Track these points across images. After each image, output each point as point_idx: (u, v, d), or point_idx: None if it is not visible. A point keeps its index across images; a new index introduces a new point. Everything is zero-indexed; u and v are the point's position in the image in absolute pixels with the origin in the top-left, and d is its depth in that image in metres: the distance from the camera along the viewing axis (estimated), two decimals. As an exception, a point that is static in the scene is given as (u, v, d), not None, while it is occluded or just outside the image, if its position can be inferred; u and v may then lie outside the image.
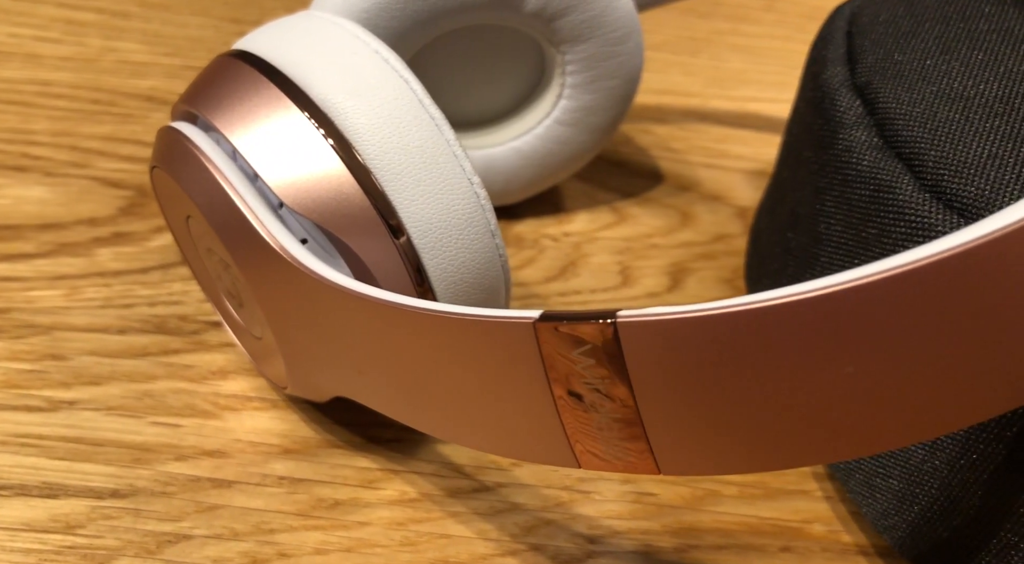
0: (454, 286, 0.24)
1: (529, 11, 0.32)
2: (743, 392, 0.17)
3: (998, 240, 0.16)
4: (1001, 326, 0.17)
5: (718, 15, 0.54)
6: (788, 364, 0.17)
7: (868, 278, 0.16)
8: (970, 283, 0.16)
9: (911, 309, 0.16)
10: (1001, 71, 0.24)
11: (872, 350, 0.16)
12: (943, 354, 0.17)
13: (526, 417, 0.19)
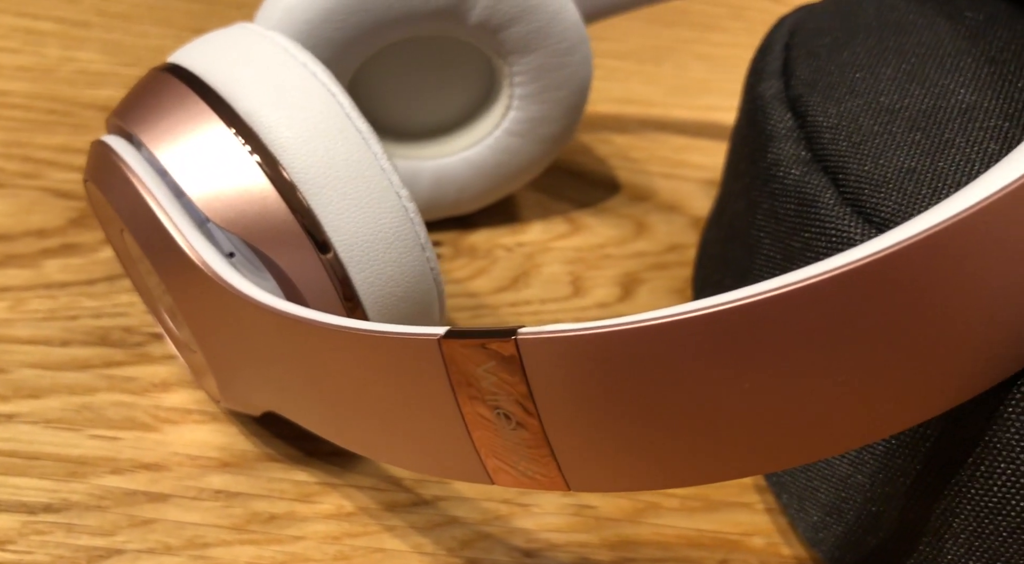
0: (383, 300, 0.24)
1: (473, 23, 0.32)
2: (645, 408, 0.17)
3: (889, 257, 0.16)
4: (906, 338, 0.17)
5: (684, 23, 0.54)
6: (685, 380, 0.17)
7: (757, 297, 0.16)
8: (866, 298, 0.16)
9: (807, 324, 0.16)
10: (927, 85, 0.24)
11: (769, 365, 0.16)
12: (845, 368, 0.17)
13: (438, 434, 0.19)
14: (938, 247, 0.16)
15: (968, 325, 0.17)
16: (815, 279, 0.16)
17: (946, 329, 0.17)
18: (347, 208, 0.23)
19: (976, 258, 0.16)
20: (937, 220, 0.16)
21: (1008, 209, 0.16)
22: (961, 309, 0.17)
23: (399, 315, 0.25)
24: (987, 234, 0.16)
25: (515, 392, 0.18)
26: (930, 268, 0.16)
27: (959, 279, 0.16)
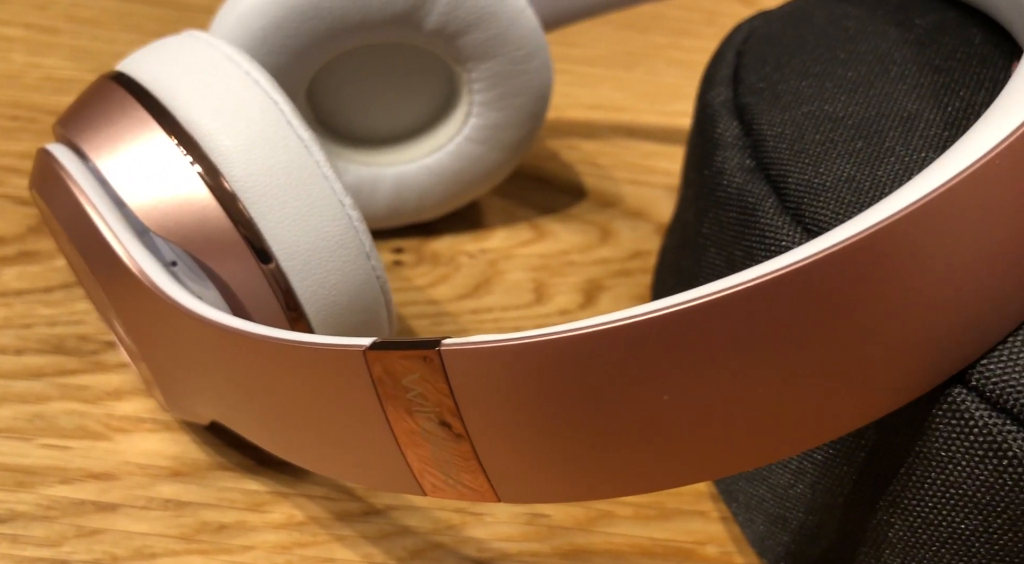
0: (327, 309, 0.24)
1: (430, 30, 0.32)
2: (571, 419, 0.17)
3: (813, 265, 0.16)
4: (835, 344, 0.17)
5: (658, 29, 0.54)
6: (608, 390, 0.17)
7: (675, 307, 0.16)
8: (793, 304, 0.16)
9: (731, 333, 0.16)
10: (872, 93, 0.24)
11: (692, 374, 0.16)
12: (774, 374, 0.17)
13: (368, 446, 0.19)
14: (863, 253, 0.16)
15: (896, 332, 0.17)
16: (732, 290, 0.16)
17: (874, 335, 0.17)
18: (288, 217, 0.23)
19: (901, 265, 0.16)
20: (859, 228, 0.16)
21: (930, 217, 0.16)
22: (889, 315, 0.17)
23: (345, 324, 0.25)
24: (911, 241, 0.16)
25: (441, 404, 0.18)
26: (856, 274, 0.16)
27: (885, 285, 0.16)
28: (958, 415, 0.18)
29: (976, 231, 0.17)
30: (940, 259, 0.17)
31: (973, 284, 0.17)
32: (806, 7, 0.29)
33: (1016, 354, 0.18)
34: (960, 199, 0.16)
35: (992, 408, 0.18)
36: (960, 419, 0.18)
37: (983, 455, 0.18)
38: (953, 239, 0.16)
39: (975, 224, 0.17)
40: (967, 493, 0.19)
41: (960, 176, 0.16)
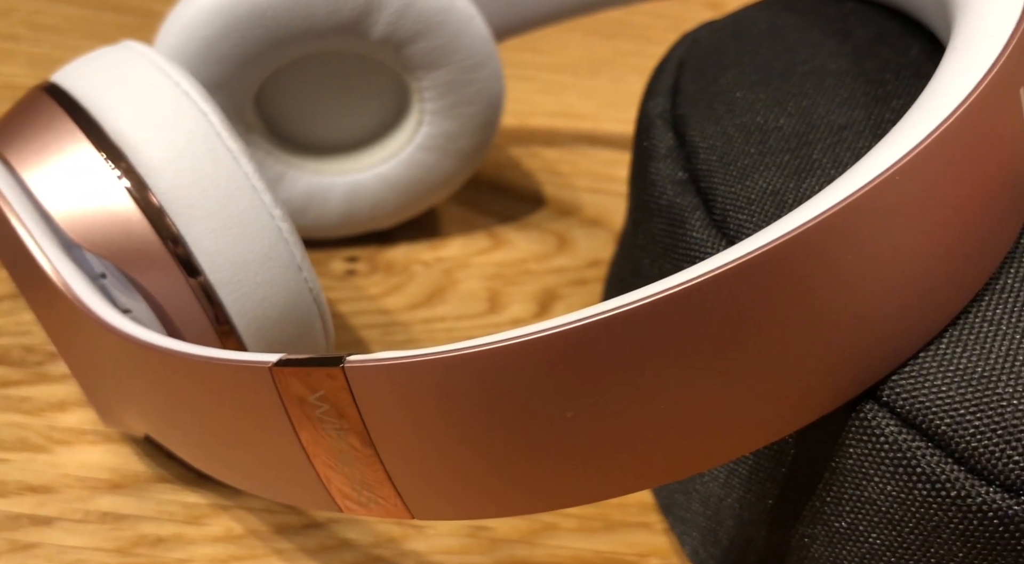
0: (258, 323, 0.24)
1: (376, 39, 0.32)
2: (475, 436, 0.17)
3: (720, 276, 0.16)
4: (746, 354, 0.16)
5: (624, 36, 0.54)
6: (510, 407, 0.16)
7: (576, 323, 0.16)
8: (704, 315, 0.16)
9: (629, 349, 0.16)
10: (804, 105, 0.24)
11: (593, 391, 0.16)
12: (676, 391, 0.17)
13: (283, 463, 0.19)
14: (765, 267, 0.16)
15: (806, 344, 0.17)
16: (631, 306, 0.16)
17: (785, 346, 0.17)
18: (215, 229, 0.23)
19: (809, 277, 0.16)
20: (762, 243, 0.16)
21: (834, 230, 0.16)
22: (799, 326, 0.17)
23: (277, 337, 0.25)
24: (817, 253, 0.16)
25: (348, 421, 0.17)
26: (763, 285, 0.16)
27: (794, 297, 0.16)
28: (869, 430, 0.18)
29: (882, 245, 0.16)
30: (849, 272, 0.16)
31: (883, 299, 0.17)
32: (750, 17, 0.29)
33: (926, 370, 0.18)
34: (862, 213, 0.16)
35: (902, 424, 0.18)
36: (871, 434, 0.18)
37: (894, 471, 0.18)
38: (860, 252, 0.16)
39: (881, 238, 0.16)
40: (881, 509, 0.18)
41: (861, 191, 0.16)
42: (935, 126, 0.16)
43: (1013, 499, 0.17)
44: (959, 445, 0.17)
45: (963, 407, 0.18)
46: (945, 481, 0.17)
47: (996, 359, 0.18)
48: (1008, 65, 0.17)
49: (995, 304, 0.19)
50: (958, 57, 0.18)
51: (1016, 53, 0.18)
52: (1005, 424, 0.17)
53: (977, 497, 0.17)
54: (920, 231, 0.17)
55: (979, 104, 0.17)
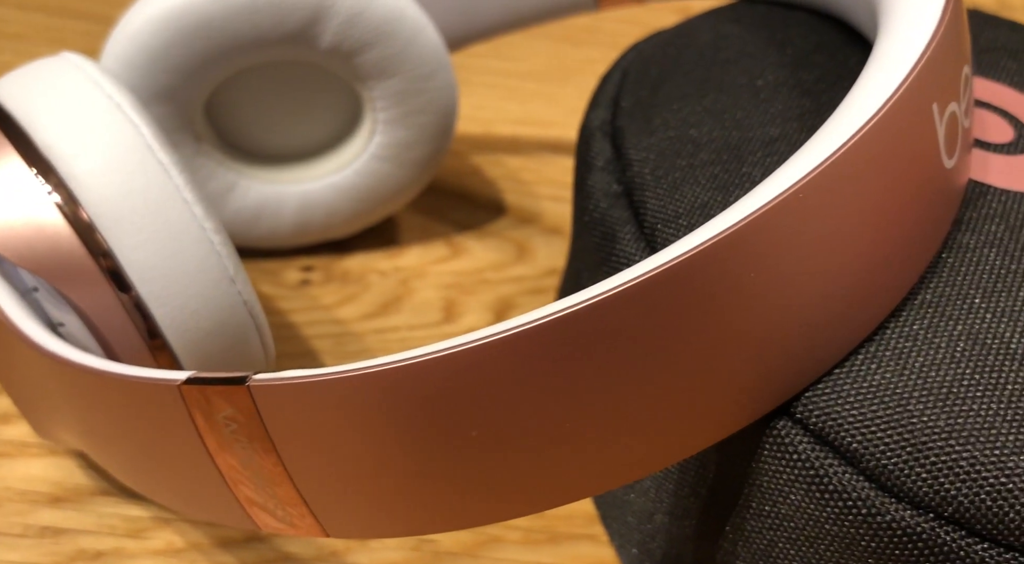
0: (190, 336, 0.24)
1: (325, 48, 0.31)
2: (384, 454, 0.17)
3: (635, 288, 0.16)
4: (664, 365, 0.16)
5: (593, 43, 0.54)
6: (416, 425, 0.16)
7: (483, 340, 0.16)
8: (620, 326, 0.16)
9: (534, 367, 0.16)
10: (738, 117, 0.23)
11: (501, 408, 0.16)
12: (585, 408, 0.16)
13: (199, 482, 0.19)
14: (671, 283, 0.16)
15: (717, 358, 0.17)
16: (542, 321, 0.16)
17: (694, 360, 0.17)
18: (145, 243, 0.23)
19: (720, 291, 0.16)
20: (667, 259, 0.16)
21: (741, 244, 0.16)
22: (711, 340, 0.16)
23: (212, 351, 0.24)
24: (720, 270, 0.16)
25: (256, 440, 0.17)
26: (664, 304, 0.16)
27: (704, 310, 0.16)
28: (783, 447, 0.18)
29: (787, 262, 0.16)
30: (754, 288, 0.16)
31: (792, 315, 0.17)
32: (694, 28, 0.28)
33: (839, 386, 0.18)
34: (764, 230, 0.16)
35: (815, 441, 0.18)
36: (785, 451, 0.18)
37: (807, 488, 0.18)
38: (764, 269, 0.16)
39: (785, 255, 0.16)
40: (797, 526, 0.18)
41: (764, 208, 0.16)
42: (841, 144, 0.16)
43: (922, 516, 0.17)
44: (869, 462, 0.17)
45: (874, 424, 0.17)
46: (856, 498, 0.17)
47: (910, 375, 0.18)
48: (919, 82, 0.17)
49: (913, 319, 0.19)
50: (872, 73, 0.18)
51: (928, 70, 0.18)
52: (914, 441, 0.17)
53: (887, 515, 0.17)
54: (828, 248, 0.17)
55: (887, 121, 0.17)
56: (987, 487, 0.17)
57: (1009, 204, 0.21)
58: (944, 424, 0.17)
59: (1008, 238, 0.20)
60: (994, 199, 0.21)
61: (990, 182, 0.22)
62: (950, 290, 0.19)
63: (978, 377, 0.18)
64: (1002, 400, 0.17)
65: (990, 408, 0.17)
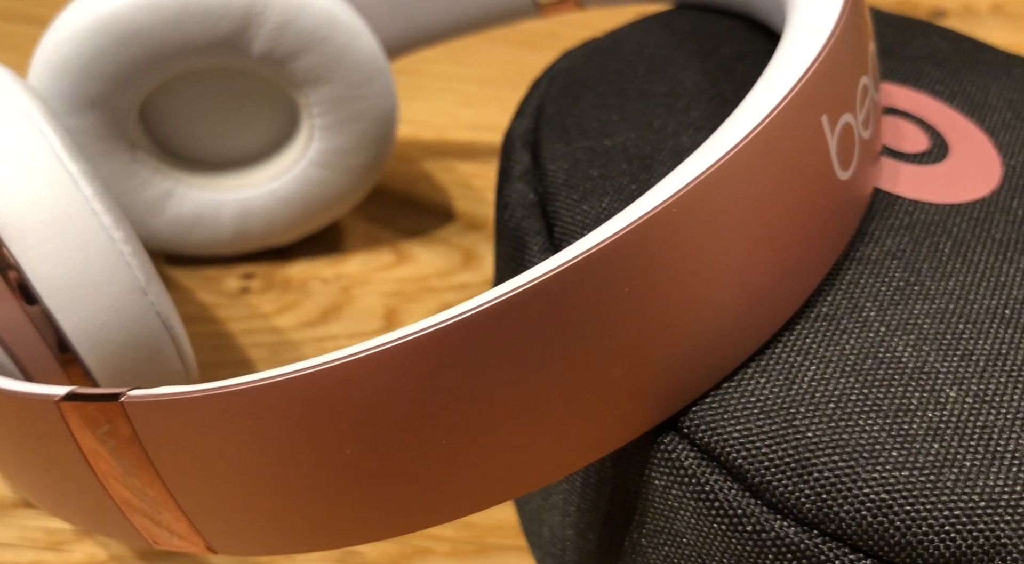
0: (101, 349, 0.24)
1: (257, 55, 0.31)
2: (261, 471, 0.17)
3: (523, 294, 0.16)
4: (550, 376, 0.16)
5: (553, 48, 0.53)
6: (296, 443, 0.16)
7: (356, 356, 0.15)
8: (477, 349, 0.16)
9: (412, 380, 0.16)
10: (654, 127, 0.23)
11: (371, 426, 0.16)
12: (469, 421, 0.16)
13: (87, 498, 0.19)
14: (546, 296, 0.16)
15: (591, 370, 0.16)
16: (437, 327, 0.16)
17: (583, 370, 0.16)
18: (52, 254, 0.23)
19: (583, 306, 0.16)
20: (541, 272, 0.16)
21: (614, 258, 0.16)
22: (582, 354, 0.16)
23: (125, 364, 0.24)
24: (592, 284, 0.16)
25: (132, 457, 0.17)
26: (538, 316, 0.16)
27: (569, 326, 0.16)
28: (671, 462, 0.18)
29: (661, 278, 0.16)
30: (628, 304, 0.16)
31: (670, 330, 0.17)
32: (625, 36, 0.28)
33: (727, 401, 0.18)
34: (635, 246, 0.16)
35: (702, 456, 0.18)
36: (673, 466, 0.18)
37: (695, 504, 0.18)
38: (638, 285, 0.16)
39: (659, 270, 0.16)
40: (689, 542, 0.18)
41: (635, 224, 0.16)
42: (716, 158, 0.16)
43: (806, 533, 0.17)
44: (754, 478, 0.17)
45: (759, 439, 0.17)
46: (742, 515, 0.17)
47: (798, 390, 0.18)
48: (805, 94, 0.17)
49: (806, 332, 0.18)
50: (759, 86, 0.17)
51: (816, 82, 0.17)
52: (798, 457, 0.17)
53: (771, 531, 0.17)
54: (709, 261, 0.17)
55: (768, 134, 0.17)
56: (868, 503, 0.16)
57: (917, 215, 0.21)
58: (829, 439, 0.17)
59: (911, 250, 0.20)
60: (902, 210, 0.21)
61: (900, 192, 0.22)
62: (846, 303, 0.19)
63: (866, 392, 0.18)
64: (888, 415, 0.17)
65: (876, 423, 0.17)
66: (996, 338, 0.19)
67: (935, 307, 0.19)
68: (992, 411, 0.17)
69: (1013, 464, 0.17)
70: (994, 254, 0.20)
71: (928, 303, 0.19)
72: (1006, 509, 0.16)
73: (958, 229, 0.21)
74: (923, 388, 0.18)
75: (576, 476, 0.21)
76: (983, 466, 0.17)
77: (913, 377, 0.18)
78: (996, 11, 0.59)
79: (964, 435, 0.17)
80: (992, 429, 0.17)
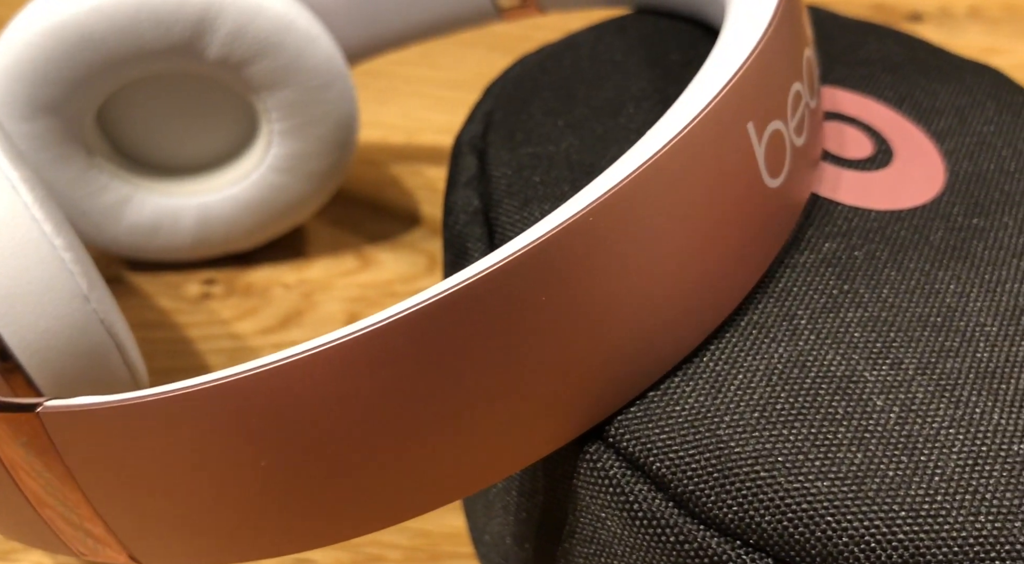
0: (42, 356, 0.23)
1: (212, 60, 0.31)
2: (180, 482, 0.16)
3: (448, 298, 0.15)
4: (457, 393, 0.16)
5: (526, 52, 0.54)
6: (207, 454, 0.16)
7: (267, 366, 0.15)
8: (398, 356, 0.16)
9: (327, 390, 0.16)
10: (598, 134, 0.23)
11: (278, 440, 0.16)
12: (392, 431, 0.16)
13: (13, 509, 0.19)
14: (471, 301, 0.16)
15: (524, 375, 0.16)
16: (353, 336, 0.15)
17: (505, 377, 0.16)
18: (-11, 261, 0.22)
19: (503, 313, 0.16)
20: (466, 276, 0.16)
21: (533, 266, 0.16)
22: (502, 363, 0.16)
23: (69, 371, 0.24)
24: (513, 292, 0.16)
25: (53, 468, 0.17)
26: (458, 323, 0.16)
27: (491, 333, 0.16)
28: (597, 471, 0.18)
29: (589, 283, 0.16)
30: (554, 312, 0.16)
31: (600, 335, 0.17)
32: (576, 41, 0.28)
33: (652, 410, 0.18)
34: (552, 256, 0.16)
35: (627, 465, 0.17)
36: (599, 476, 0.18)
37: (621, 514, 0.17)
38: (563, 290, 0.16)
39: (586, 276, 0.16)
40: (616, 552, 0.18)
41: (550, 234, 0.16)
42: (635, 167, 0.16)
43: (728, 544, 0.17)
44: (677, 488, 0.17)
45: (682, 449, 0.17)
46: (666, 525, 0.17)
47: (723, 399, 0.18)
48: (728, 103, 0.17)
49: (736, 341, 0.18)
50: (684, 95, 0.17)
51: (740, 90, 0.17)
52: (722, 467, 0.17)
53: (694, 542, 0.17)
54: (632, 270, 0.16)
55: (688, 143, 0.16)
56: (789, 513, 0.16)
57: (856, 222, 0.21)
58: (752, 449, 0.17)
59: (847, 257, 0.20)
60: (840, 217, 0.21)
61: (840, 199, 0.21)
62: (777, 310, 0.19)
63: (792, 401, 0.17)
64: (813, 424, 0.17)
65: (800, 433, 0.17)
66: (926, 347, 0.18)
67: (867, 315, 0.19)
68: (919, 420, 0.17)
69: (936, 473, 0.17)
70: (930, 261, 0.20)
71: (860, 311, 0.19)
72: (926, 519, 0.16)
73: (896, 236, 0.21)
74: (850, 397, 0.18)
75: (512, 485, 0.21)
76: (906, 476, 0.16)
77: (841, 386, 0.18)
78: (973, 14, 0.59)
79: (889, 444, 0.17)
80: (917, 438, 0.17)
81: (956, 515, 0.16)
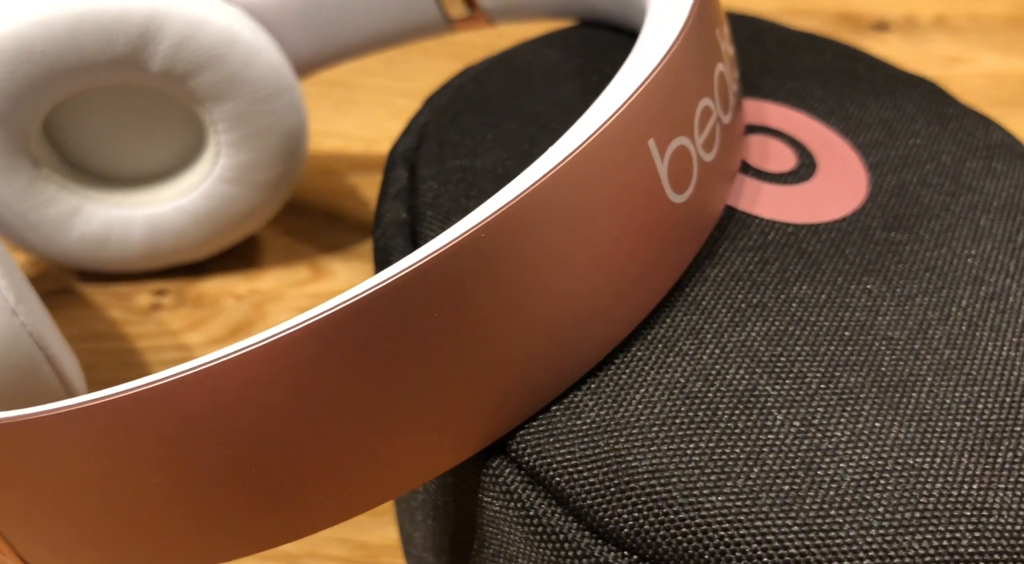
0: (-31, 367, 0.23)
1: (156, 72, 0.31)
2: (75, 497, 0.17)
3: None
4: (361, 407, 0.16)
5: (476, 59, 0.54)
6: (96, 470, 0.16)
7: (159, 382, 0.15)
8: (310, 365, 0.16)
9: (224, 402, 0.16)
10: (523, 148, 0.23)
11: (177, 454, 0.16)
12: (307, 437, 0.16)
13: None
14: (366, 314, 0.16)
15: (424, 389, 0.16)
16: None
17: (405, 392, 0.16)
18: (-86, 275, 0.23)
19: (404, 322, 0.16)
20: (361, 290, 0.16)
21: (439, 273, 0.16)
22: (403, 379, 0.16)
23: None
24: (412, 303, 0.16)
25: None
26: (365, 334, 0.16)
27: (394, 340, 0.16)
28: (501, 486, 0.18)
29: (487, 297, 0.16)
30: (450, 326, 0.16)
31: (501, 350, 0.17)
32: (516, 54, 0.28)
33: (554, 423, 0.18)
34: (454, 266, 0.16)
35: (529, 479, 0.18)
36: (503, 490, 0.18)
37: (524, 528, 0.17)
38: (460, 303, 0.16)
39: (484, 291, 0.16)
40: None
41: (446, 247, 0.16)
42: (529, 184, 0.16)
43: (625, 559, 0.17)
44: (576, 502, 0.17)
45: (582, 463, 0.17)
46: (565, 540, 0.17)
47: (624, 413, 0.18)
48: (626, 121, 0.17)
49: (641, 354, 0.18)
50: (586, 114, 0.17)
51: (640, 108, 0.17)
52: (619, 481, 0.17)
53: (592, 556, 0.17)
54: (531, 285, 0.16)
55: (584, 160, 0.17)
56: (684, 528, 0.16)
57: (772, 236, 0.21)
58: (649, 464, 0.17)
59: (758, 271, 0.20)
60: (756, 230, 0.21)
61: (757, 212, 0.22)
62: (684, 324, 0.19)
63: (692, 415, 0.18)
64: (712, 439, 0.17)
65: (698, 447, 0.17)
66: (832, 360, 0.19)
67: (774, 329, 0.19)
68: (818, 434, 0.17)
69: (831, 488, 0.17)
70: (843, 274, 0.20)
71: (767, 324, 0.19)
72: (818, 533, 0.16)
73: (812, 249, 0.21)
74: (750, 411, 0.18)
75: (428, 498, 0.21)
76: (801, 491, 0.17)
77: (742, 401, 0.18)
78: (939, 23, 0.59)
79: (786, 459, 0.17)
80: (816, 452, 0.17)
81: (848, 529, 0.16)
